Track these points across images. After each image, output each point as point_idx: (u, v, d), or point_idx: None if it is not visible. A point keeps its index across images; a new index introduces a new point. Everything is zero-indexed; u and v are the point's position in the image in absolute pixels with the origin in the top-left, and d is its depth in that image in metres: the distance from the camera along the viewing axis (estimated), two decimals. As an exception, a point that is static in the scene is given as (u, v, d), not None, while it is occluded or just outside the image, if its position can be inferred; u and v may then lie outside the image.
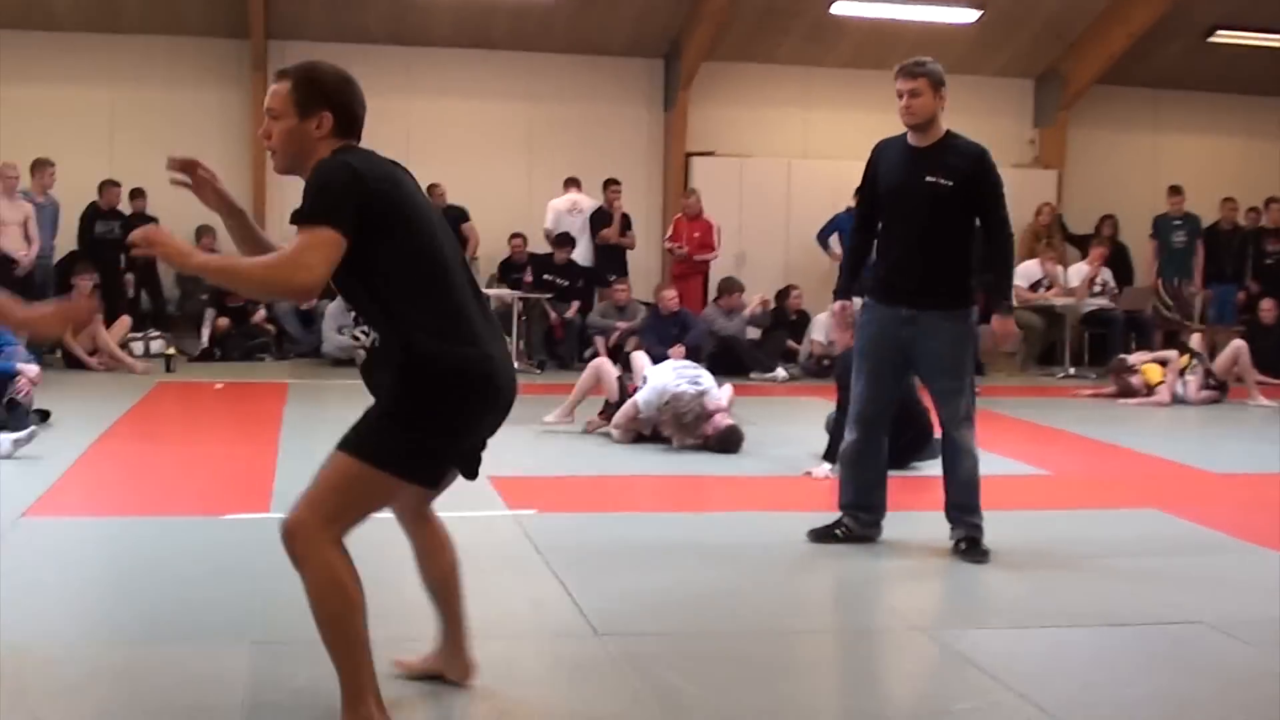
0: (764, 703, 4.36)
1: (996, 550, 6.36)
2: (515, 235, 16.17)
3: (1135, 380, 13.41)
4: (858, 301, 6.70)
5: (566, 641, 5.00)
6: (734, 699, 4.37)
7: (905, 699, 4.52)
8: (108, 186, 15.28)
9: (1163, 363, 13.49)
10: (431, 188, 15.56)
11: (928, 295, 6.25)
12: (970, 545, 6.30)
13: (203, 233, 15.64)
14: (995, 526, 6.54)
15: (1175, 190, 16.92)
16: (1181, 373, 13.27)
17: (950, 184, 6.19)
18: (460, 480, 4.14)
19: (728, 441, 9.24)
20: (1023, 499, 8.12)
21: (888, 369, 6.42)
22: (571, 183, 16.22)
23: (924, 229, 6.26)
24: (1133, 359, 13.76)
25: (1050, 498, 8.27)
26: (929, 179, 6.24)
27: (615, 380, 9.96)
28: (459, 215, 15.73)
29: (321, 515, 3.79)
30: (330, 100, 3.93)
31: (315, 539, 3.78)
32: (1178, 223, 16.93)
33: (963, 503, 6.38)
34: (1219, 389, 13.24)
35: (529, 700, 4.37)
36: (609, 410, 9.88)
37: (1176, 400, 13.11)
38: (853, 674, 4.92)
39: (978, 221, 6.35)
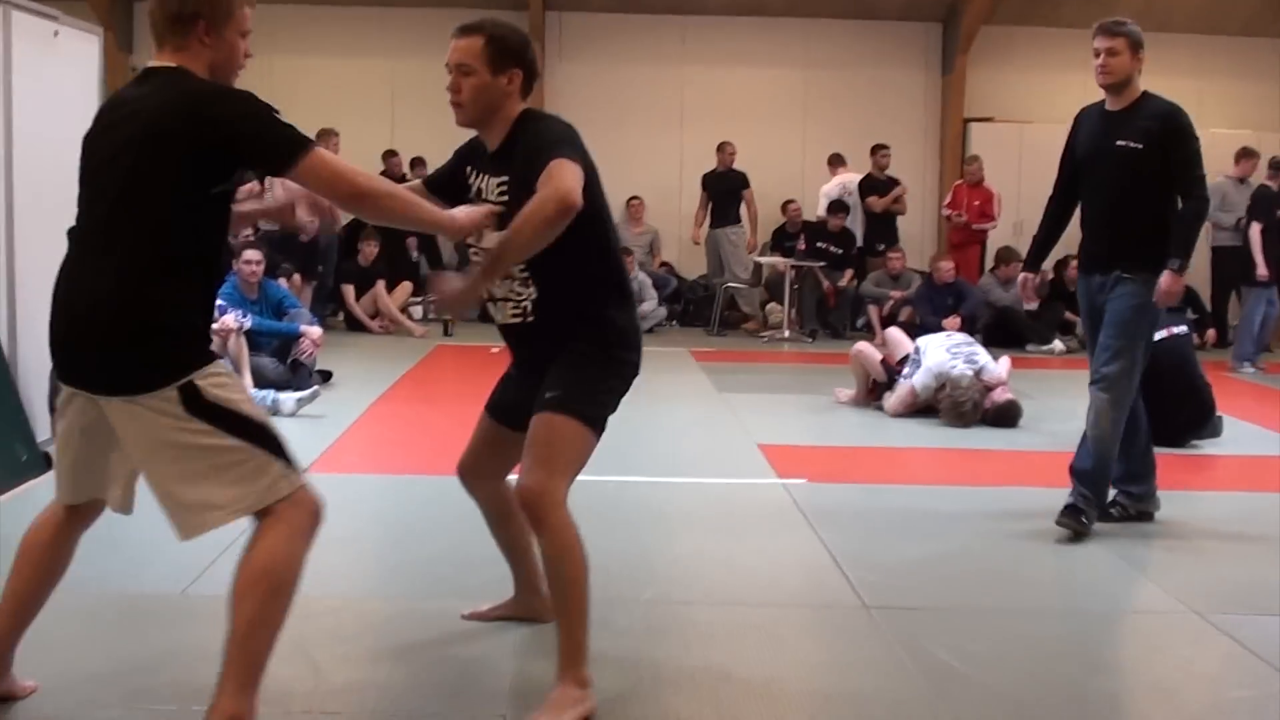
0: (1033, 682, 4.28)
1: (1277, 535, 6.15)
2: (790, 202, 16.16)
3: None
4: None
5: (834, 612, 4.97)
6: (1005, 678, 4.29)
7: (1178, 683, 4.38)
8: (389, 156, 15.73)
9: None
10: (723, 145, 15.66)
11: (1119, 261, 6.04)
12: (1068, 511, 6.09)
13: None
14: (1274, 509, 6.31)
15: None
16: None
17: (1140, 147, 5.97)
18: (732, 447, 4.18)
19: (1006, 415, 9.09)
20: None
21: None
22: (837, 161, 16.09)
23: (1116, 195, 6.09)
24: None
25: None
26: (1120, 143, 6.03)
27: (878, 363, 9.82)
28: (740, 181, 15.78)
29: (555, 478, 3.84)
30: (520, 59, 4.03)
31: (553, 502, 3.82)
32: None
33: (1081, 468, 6.16)
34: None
35: (795, 670, 4.36)
36: (877, 389, 9.76)
37: None
38: (1125, 656, 4.79)
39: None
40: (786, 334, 14.92)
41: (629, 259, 14.90)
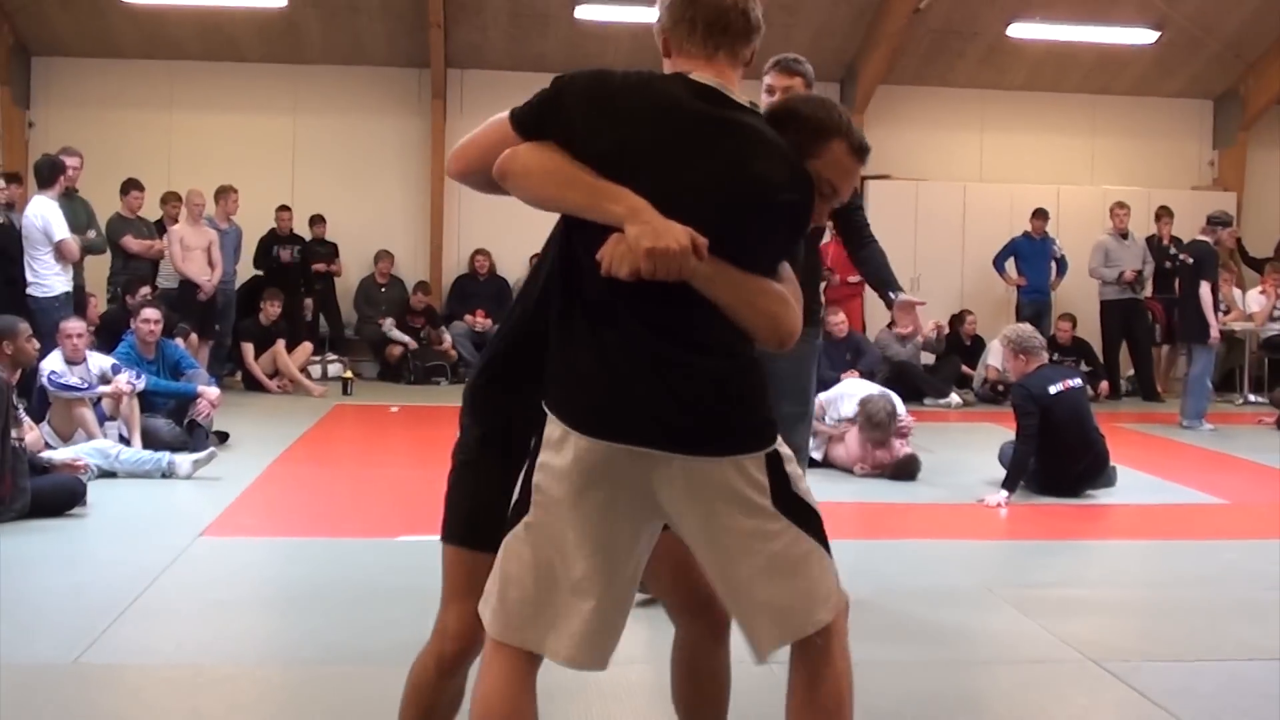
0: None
1: (1171, 581, 6.25)
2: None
3: None
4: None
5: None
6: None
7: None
8: (281, 211, 15.64)
9: None
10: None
11: None
12: None
13: (380, 257, 16.03)
14: (1171, 557, 6.42)
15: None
16: None
17: None
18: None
19: (905, 469, 9.19)
20: (1199, 529, 7.95)
21: None
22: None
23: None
24: None
25: (1227, 527, 8.06)
26: None
27: None
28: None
29: None
30: None
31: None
32: (1362, 244, 16.43)
33: None
34: None
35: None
36: None
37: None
38: (1024, 706, 4.83)
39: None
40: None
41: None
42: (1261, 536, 7.65)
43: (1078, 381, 8.95)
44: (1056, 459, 8.49)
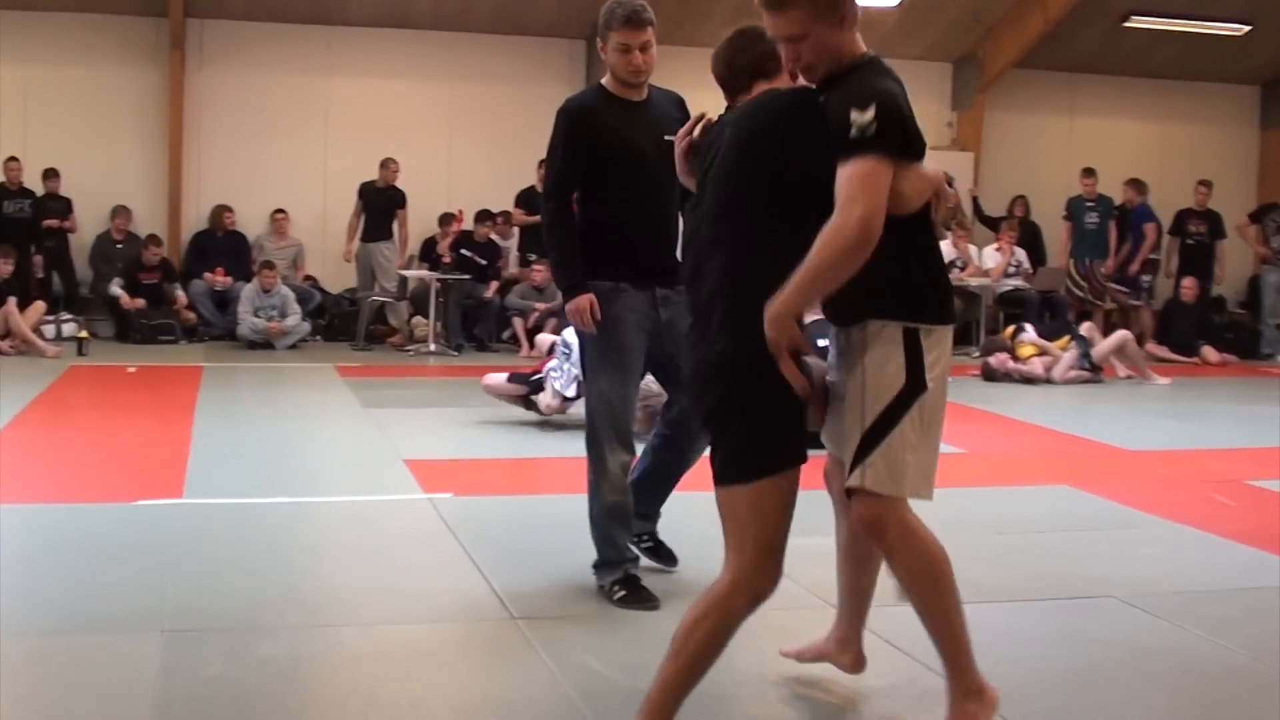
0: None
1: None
2: (446, 215, 16.05)
3: (1000, 358, 13.60)
4: None
5: (483, 626, 4.98)
6: (650, 680, 4.36)
7: (819, 675, 4.54)
8: (9, 163, 15.03)
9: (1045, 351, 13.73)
10: (387, 161, 15.43)
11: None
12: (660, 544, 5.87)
13: (117, 213, 15.52)
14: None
15: (1088, 172, 17.09)
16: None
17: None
18: (377, 463, 4.05)
19: None
20: (938, 477, 8.17)
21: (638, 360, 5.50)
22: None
23: (670, 195, 5.37)
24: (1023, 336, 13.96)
25: (965, 476, 8.32)
26: (667, 137, 5.13)
27: (505, 384, 9.77)
28: (399, 199, 15.59)
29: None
30: None
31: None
32: (1090, 204, 17.10)
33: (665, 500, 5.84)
34: (1093, 370, 13.49)
35: (444, 686, 4.35)
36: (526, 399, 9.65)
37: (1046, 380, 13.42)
38: (764, 650, 4.91)
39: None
40: (433, 347, 14.87)
41: (271, 272, 14.64)
42: (995, 484, 7.94)
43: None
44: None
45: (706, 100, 4.86)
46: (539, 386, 9.39)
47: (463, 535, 6.22)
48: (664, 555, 5.84)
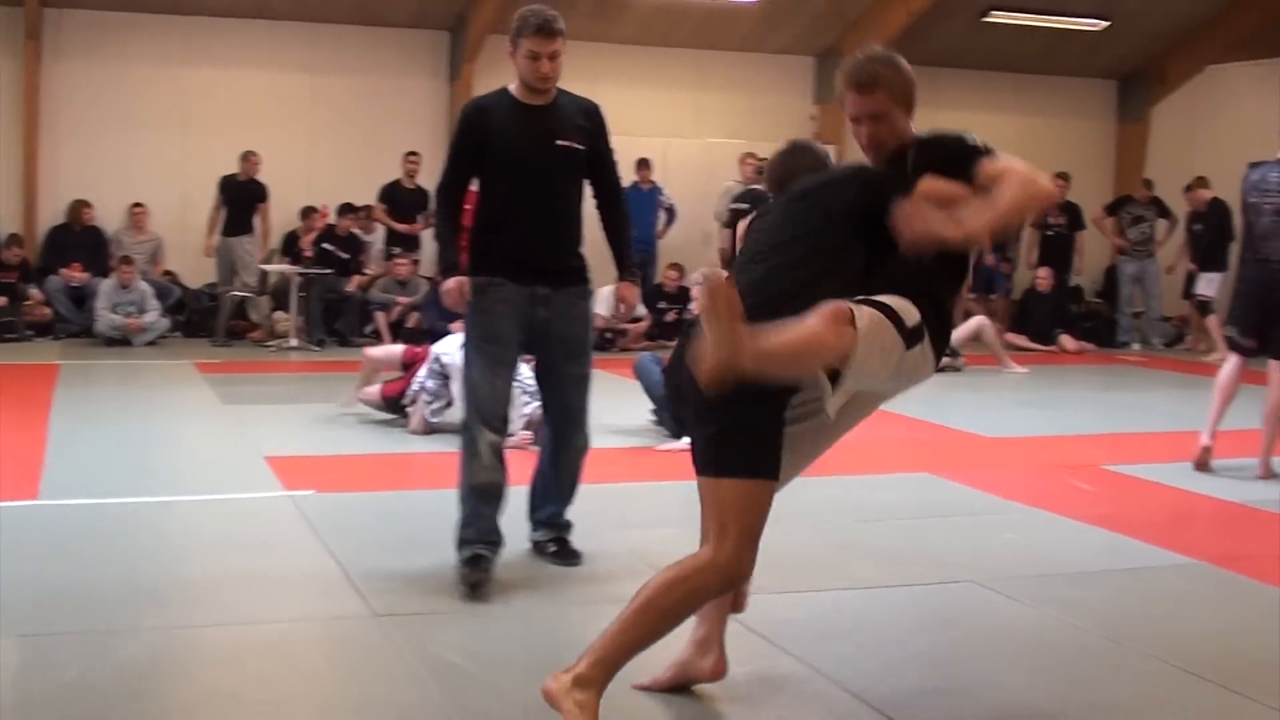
0: (549, 672, 4.35)
1: (773, 518, 6.47)
2: (309, 209, 15.84)
3: None
4: None
5: (345, 623, 4.93)
6: (514, 675, 4.36)
7: (660, 659, 4.56)
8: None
9: None
10: (249, 154, 15.19)
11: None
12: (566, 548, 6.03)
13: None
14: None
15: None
16: None
17: (582, 148, 5.81)
18: (238, 461, 4.02)
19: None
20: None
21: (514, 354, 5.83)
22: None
23: (557, 195, 5.72)
24: None
25: (828, 465, 8.36)
26: (560, 142, 5.71)
27: (383, 356, 9.72)
28: (260, 193, 15.36)
29: None
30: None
31: None
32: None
33: (569, 500, 6.05)
34: (953, 356, 13.72)
35: (306, 684, 4.31)
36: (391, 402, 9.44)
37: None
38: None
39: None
40: (294, 343, 14.69)
41: (130, 268, 14.37)
42: (857, 472, 8.02)
43: None
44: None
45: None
46: (405, 408, 9.28)
47: (325, 532, 6.16)
48: (569, 555, 5.94)
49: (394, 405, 9.30)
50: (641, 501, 7.21)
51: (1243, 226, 8.62)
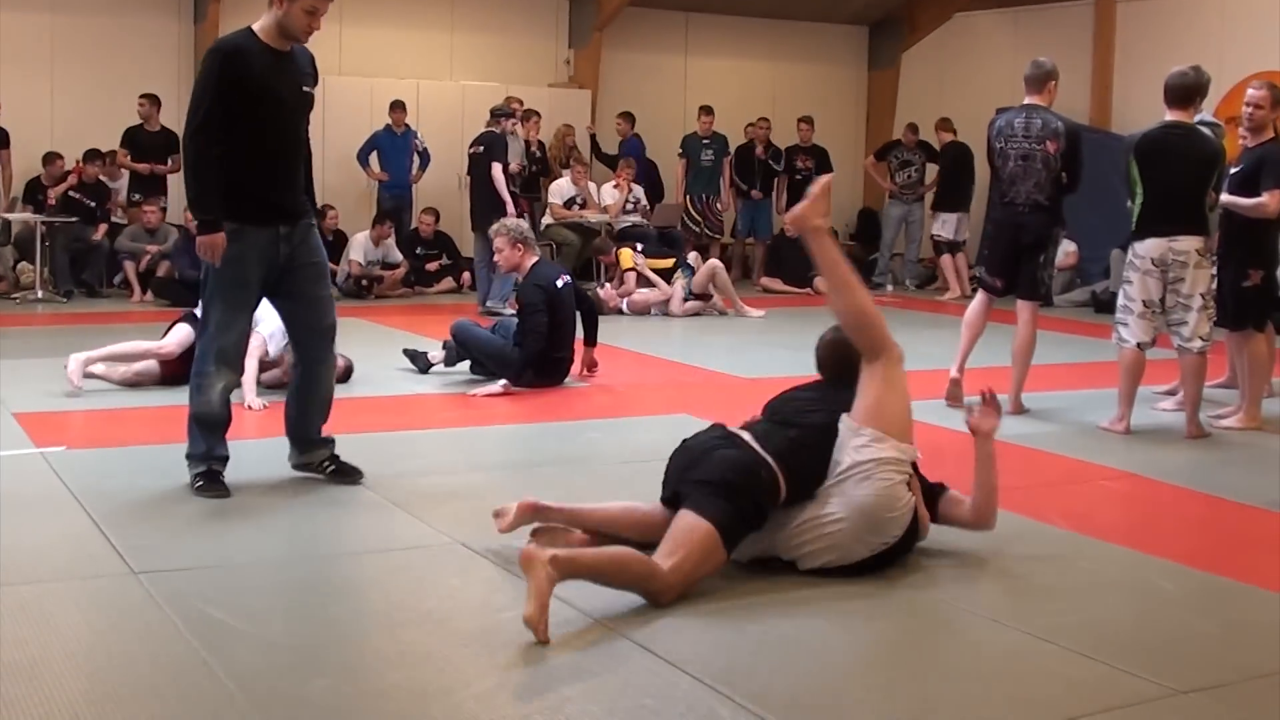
0: (306, 628, 4.35)
1: (530, 461, 6.56)
2: (51, 154, 15.25)
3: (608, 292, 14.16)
4: None
5: (103, 582, 4.83)
6: (277, 627, 4.33)
7: (450, 610, 4.58)
8: None
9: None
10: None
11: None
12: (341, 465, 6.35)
13: None
14: (529, 440, 6.71)
15: (706, 111, 17.51)
16: (669, 274, 14.07)
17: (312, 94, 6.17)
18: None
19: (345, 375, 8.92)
20: (557, 411, 8.32)
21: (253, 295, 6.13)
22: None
23: (301, 139, 6.14)
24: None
25: (592, 408, 8.51)
26: (305, 88, 6.09)
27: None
28: (1, 138, 14.78)
29: None
30: None
31: None
32: (706, 142, 17.54)
33: (326, 417, 6.36)
34: (701, 299, 13.99)
35: (64, 646, 4.19)
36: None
37: (664, 313, 13.96)
38: (396, 591, 4.92)
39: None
40: (40, 294, 14.20)
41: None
42: (620, 415, 8.13)
43: (569, 277, 9.38)
44: (554, 351, 9.02)
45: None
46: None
47: (78, 489, 6.01)
48: (348, 472, 6.30)
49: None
50: (437, 445, 7.21)
51: (990, 171, 8.93)
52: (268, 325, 8.11)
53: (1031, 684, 4.07)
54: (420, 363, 9.47)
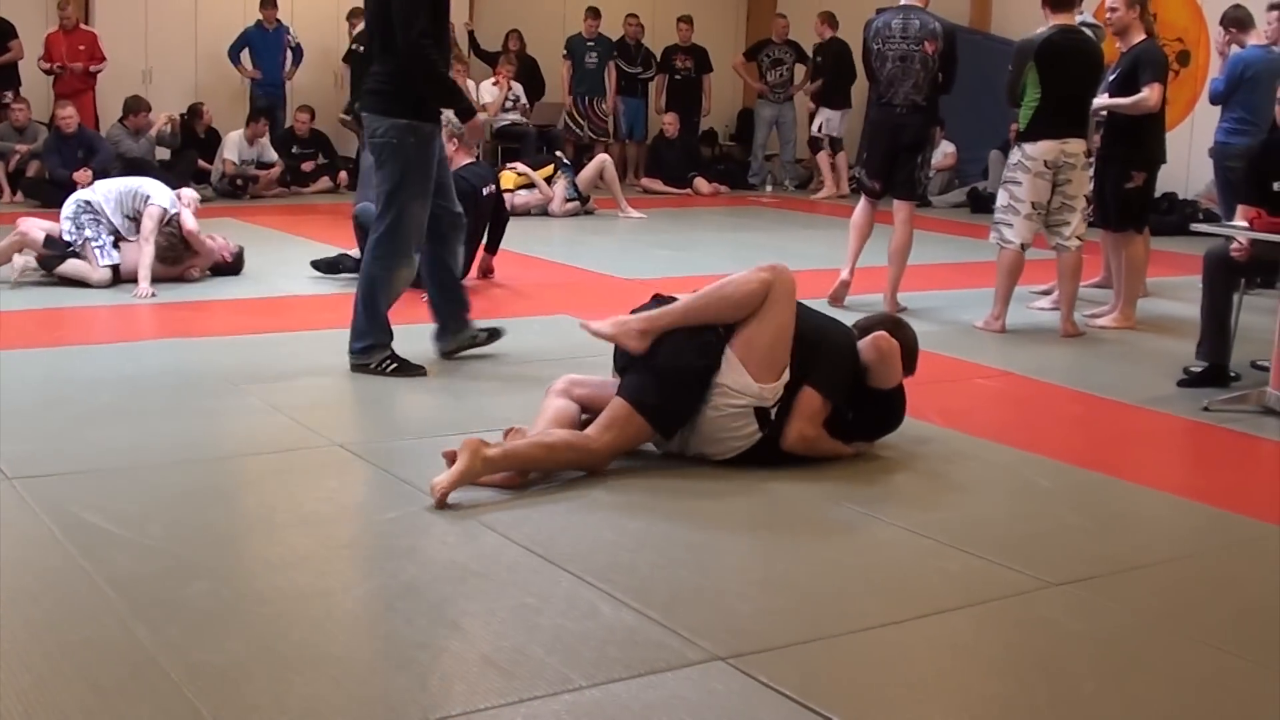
0: (183, 530, 4.31)
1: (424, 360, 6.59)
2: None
3: None
4: None
5: (-28, 488, 4.75)
6: (156, 530, 4.29)
7: (330, 514, 4.58)
8: None
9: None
10: None
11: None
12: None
13: None
14: (412, 341, 6.69)
15: (593, 13, 17.35)
16: (549, 181, 13.90)
17: None
18: None
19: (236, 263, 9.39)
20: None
21: None
22: None
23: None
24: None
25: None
26: None
27: (39, 231, 9.13)
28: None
29: None
30: None
31: None
32: (591, 44, 17.41)
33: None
34: (580, 200, 13.94)
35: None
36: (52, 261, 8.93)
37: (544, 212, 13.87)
38: (274, 494, 4.89)
39: None
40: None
41: None
42: (502, 316, 8.08)
43: (495, 187, 9.38)
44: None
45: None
46: (73, 255, 8.83)
47: (-55, 395, 5.89)
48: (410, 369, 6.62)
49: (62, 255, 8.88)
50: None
51: (867, 73, 8.95)
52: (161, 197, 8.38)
53: (907, 577, 4.15)
54: (347, 263, 9.24)
